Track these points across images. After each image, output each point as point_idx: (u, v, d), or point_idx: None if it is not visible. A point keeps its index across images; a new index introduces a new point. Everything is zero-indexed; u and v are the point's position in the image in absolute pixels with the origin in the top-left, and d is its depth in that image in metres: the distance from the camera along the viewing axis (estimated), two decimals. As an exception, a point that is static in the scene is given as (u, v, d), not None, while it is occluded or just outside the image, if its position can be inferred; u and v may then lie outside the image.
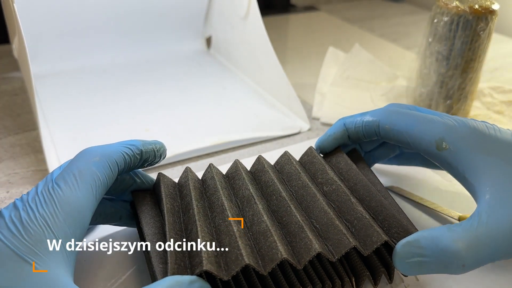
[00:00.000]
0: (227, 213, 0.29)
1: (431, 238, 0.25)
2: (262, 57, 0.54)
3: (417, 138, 0.30)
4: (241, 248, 0.26)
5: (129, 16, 0.61)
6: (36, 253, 0.22)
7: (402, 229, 0.28)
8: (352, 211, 0.30)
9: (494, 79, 0.64)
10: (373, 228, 0.28)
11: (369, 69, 0.62)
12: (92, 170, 0.26)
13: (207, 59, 0.66)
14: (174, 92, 0.56)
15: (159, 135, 0.46)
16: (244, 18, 0.54)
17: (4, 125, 0.48)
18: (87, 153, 0.27)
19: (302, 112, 0.50)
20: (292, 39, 0.79)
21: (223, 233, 0.28)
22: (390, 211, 0.30)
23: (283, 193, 0.31)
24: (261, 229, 0.28)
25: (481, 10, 0.45)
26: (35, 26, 0.55)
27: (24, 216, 0.23)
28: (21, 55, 0.44)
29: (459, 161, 0.28)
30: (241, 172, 0.34)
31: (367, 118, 0.33)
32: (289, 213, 0.30)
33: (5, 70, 0.61)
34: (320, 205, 0.30)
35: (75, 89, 0.55)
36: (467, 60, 0.47)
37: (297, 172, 0.34)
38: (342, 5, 1.01)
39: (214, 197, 0.31)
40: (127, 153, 0.29)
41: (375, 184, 0.33)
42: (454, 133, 0.29)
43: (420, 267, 0.25)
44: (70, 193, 0.25)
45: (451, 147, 0.28)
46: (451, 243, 0.25)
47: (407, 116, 0.31)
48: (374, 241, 0.27)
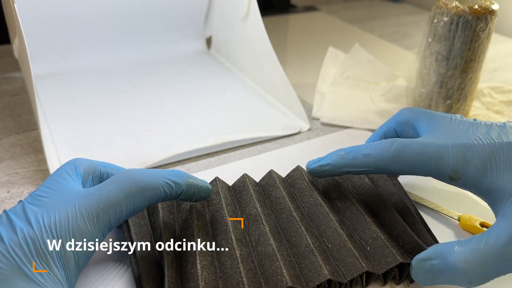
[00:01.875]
0: (231, 234, 0.29)
1: (441, 255, 0.27)
2: (262, 57, 0.54)
3: (430, 174, 0.30)
4: (243, 275, 0.26)
5: (129, 16, 0.61)
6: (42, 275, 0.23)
7: (415, 245, 0.29)
8: (367, 230, 0.30)
9: (494, 79, 0.64)
10: (389, 249, 0.28)
11: (369, 69, 0.62)
12: (120, 203, 0.25)
13: (207, 59, 0.66)
14: (174, 92, 0.56)
15: (159, 135, 0.46)
16: (244, 18, 0.55)
17: (5, 125, 0.48)
18: (125, 178, 0.26)
19: (302, 112, 0.50)
20: (292, 39, 0.79)
21: (225, 255, 0.28)
22: (403, 227, 0.30)
23: (294, 213, 0.31)
24: (267, 251, 0.28)
25: (480, 10, 0.45)
26: (36, 26, 0.55)
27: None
28: (22, 55, 0.44)
29: (475, 187, 0.29)
30: (249, 188, 0.33)
31: (374, 163, 0.30)
32: (299, 234, 0.30)
33: (5, 70, 0.61)
34: (333, 225, 0.30)
35: (76, 89, 0.55)
36: (466, 60, 0.47)
37: (309, 189, 0.33)
38: (342, 5, 1.01)
39: (218, 214, 0.31)
40: (166, 190, 0.27)
41: (393, 195, 0.33)
42: (465, 164, 0.28)
43: (433, 280, 0.27)
44: (86, 229, 0.24)
45: (463, 177, 0.28)
46: (457, 262, 0.26)
47: (415, 156, 0.29)
48: (389, 262, 0.28)
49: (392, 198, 0.33)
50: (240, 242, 0.29)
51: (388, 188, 0.34)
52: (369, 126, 0.50)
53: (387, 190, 0.34)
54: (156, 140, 0.45)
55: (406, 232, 0.30)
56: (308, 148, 0.46)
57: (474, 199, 0.39)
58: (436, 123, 0.31)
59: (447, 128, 0.30)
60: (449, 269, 0.26)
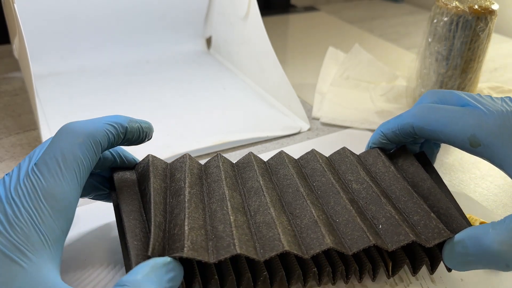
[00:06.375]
0: (227, 202, 0.27)
1: (475, 238, 0.26)
2: (262, 57, 0.54)
3: (451, 137, 0.30)
4: (235, 237, 0.25)
5: (129, 16, 0.61)
6: (23, 250, 0.21)
7: (437, 231, 0.28)
8: (381, 210, 0.29)
9: (494, 79, 0.64)
10: (402, 227, 0.27)
11: (369, 69, 0.62)
12: (76, 154, 0.25)
13: (207, 59, 0.66)
14: (174, 92, 0.56)
15: (159, 135, 0.46)
16: (244, 18, 0.55)
17: (5, 125, 0.48)
18: (70, 132, 0.26)
19: (302, 112, 0.50)
20: (292, 39, 0.79)
21: (219, 220, 0.26)
22: (427, 212, 0.29)
23: (300, 188, 0.30)
24: (266, 220, 0.27)
25: (480, 10, 0.45)
26: (36, 26, 0.55)
27: (9, 212, 0.22)
28: (22, 55, 0.45)
29: (494, 155, 0.28)
30: (253, 164, 0.32)
31: (401, 121, 0.33)
32: (304, 207, 0.28)
33: (5, 70, 0.61)
34: (343, 202, 0.29)
35: (76, 89, 0.55)
36: (466, 60, 0.47)
37: (322, 170, 0.32)
38: (342, 5, 1.01)
39: (216, 185, 0.29)
40: (111, 131, 0.27)
41: (424, 181, 0.32)
42: (485, 129, 0.28)
43: (466, 265, 0.27)
44: (54, 183, 0.24)
45: (483, 143, 0.28)
46: (493, 244, 0.25)
47: (439, 114, 0.30)
48: (401, 239, 0.27)
49: (424, 184, 0.32)
50: (236, 210, 0.27)
51: (419, 174, 0.32)
52: (369, 126, 0.50)
53: (418, 176, 0.33)
54: (156, 140, 0.45)
55: (429, 217, 0.28)
56: (308, 148, 0.46)
57: (474, 199, 0.39)
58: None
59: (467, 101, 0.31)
60: (485, 252, 0.25)
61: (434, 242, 0.27)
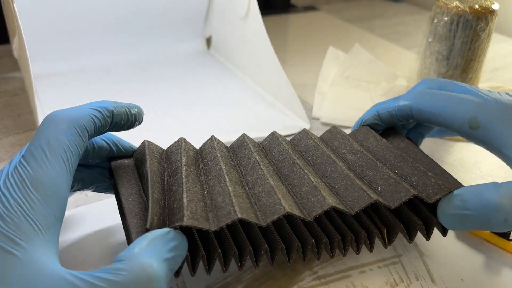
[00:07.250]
0: (224, 176, 0.27)
1: (475, 192, 0.26)
2: (262, 57, 0.54)
3: (449, 119, 0.30)
4: (235, 204, 0.25)
5: (129, 16, 0.61)
6: (15, 240, 0.21)
7: (437, 187, 0.27)
8: (378, 174, 0.29)
9: (494, 79, 0.64)
10: (401, 185, 0.27)
11: (369, 69, 0.62)
12: (61, 140, 0.25)
13: (207, 59, 0.66)
14: (174, 92, 0.56)
15: (159, 135, 0.46)
16: (244, 18, 0.55)
17: (5, 125, 0.48)
18: (53, 119, 0.26)
19: (302, 112, 0.50)
20: (292, 39, 0.79)
21: (217, 193, 0.26)
22: (424, 172, 0.29)
23: (296, 160, 0.30)
24: (265, 189, 0.27)
25: (481, 10, 0.45)
26: (35, 26, 0.55)
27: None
28: (21, 55, 0.45)
29: (493, 138, 0.28)
30: (248, 143, 0.32)
31: (400, 103, 0.33)
32: (301, 177, 0.28)
33: (5, 70, 0.61)
34: (340, 169, 0.29)
35: (75, 89, 0.55)
36: (467, 60, 0.47)
37: (316, 145, 0.32)
38: (342, 5, 1.01)
39: (212, 163, 0.29)
40: (96, 116, 0.27)
41: (416, 154, 0.32)
42: (485, 111, 0.28)
43: (463, 220, 0.26)
44: (41, 171, 0.23)
45: (483, 125, 0.28)
46: (495, 197, 0.25)
47: (439, 97, 0.31)
48: (402, 196, 0.27)
49: (416, 156, 0.32)
50: (234, 183, 0.27)
51: (411, 148, 0.32)
52: (369, 126, 0.50)
53: (410, 150, 0.33)
54: (156, 140, 0.45)
55: (427, 177, 0.28)
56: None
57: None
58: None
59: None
60: (484, 205, 0.25)
61: (436, 197, 0.27)
